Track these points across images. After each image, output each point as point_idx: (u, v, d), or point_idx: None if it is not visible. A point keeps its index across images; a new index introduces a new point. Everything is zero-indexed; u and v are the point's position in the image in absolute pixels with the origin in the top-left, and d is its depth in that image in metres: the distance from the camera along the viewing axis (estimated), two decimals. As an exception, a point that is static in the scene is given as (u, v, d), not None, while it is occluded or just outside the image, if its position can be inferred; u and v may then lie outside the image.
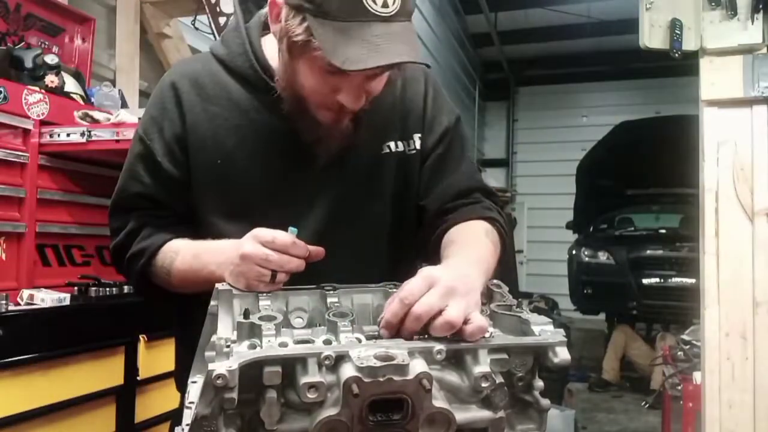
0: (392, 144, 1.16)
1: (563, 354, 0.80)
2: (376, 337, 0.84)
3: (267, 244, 0.93)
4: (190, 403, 0.74)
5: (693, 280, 5.11)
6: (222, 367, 0.69)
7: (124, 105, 2.54)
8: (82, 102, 2.30)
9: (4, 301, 1.66)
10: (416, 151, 1.18)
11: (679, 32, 2.15)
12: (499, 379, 0.78)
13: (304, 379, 0.72)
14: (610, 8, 8.73)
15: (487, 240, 1.08)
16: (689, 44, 2.17)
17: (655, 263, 6.54)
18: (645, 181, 7.39)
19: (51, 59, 2.18)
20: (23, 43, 2.35)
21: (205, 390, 0.70)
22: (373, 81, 1.01)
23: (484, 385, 0.77)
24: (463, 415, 0.78)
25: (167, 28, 3.20)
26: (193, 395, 0.75)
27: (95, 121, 2.09)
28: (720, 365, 2.11)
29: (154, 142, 1.13)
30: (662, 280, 6.39)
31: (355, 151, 1.12)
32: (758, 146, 2.13)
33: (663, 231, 7.17)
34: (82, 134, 2.01)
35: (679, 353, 3.03)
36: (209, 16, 2.99)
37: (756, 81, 2.10)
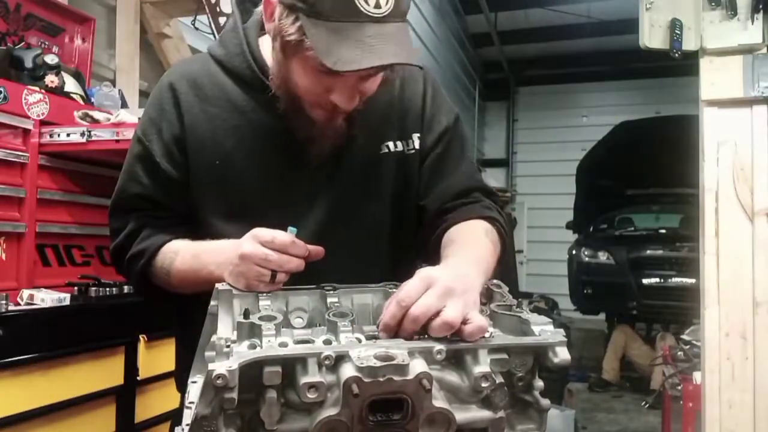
0: (391, 144, 1.16)
1: (563, 354, 0.80)
2: (376, 337, 0.84)
3: (266, 244, 0.93)
4: (190, 403, 0.74)
5: (693, 280, 5.11)
6: (222, 367, 0.69)
7: (124, 105, 2.54)
8: (82, 102, 2.30)
9: (4, 301, 1.66)
10: (415, 151, 1.17)
11: (679, 32, 2.15)
12: (499, 379, 0.78)
13: (304, 379, 0.72)
14: (610, 8, 8.72)
15: (487, 240, 1.08)
16: (689, 44, 2.17)
17: (655, 263, 6.54)
18: (645, 181, 7.39)
19: (51, 59, 2.18)
20: (23, 43, 2.34)
21: (205, 390, 0.70)
22: (367, 81, 1.00)
23: (484, 385, 0.77)
24: (463, 415, 0.78)
25: (167, 28, 3.20)
26: (193, 395, 0.75)
27: (95, 121, 2.09)
28: (720, 365, 2.11)
29: (153, 143, 1.13)
30: (662, 280, 6.39)
31: (354, 151, 1.12)
32: (758, 146, 2.13)
33: (663, 231, 7.17)
34: (82, 134, 2.01)
35: (679, 353, 3.03)
36: (209, 16, 2.99)
37: (756, 81, 2.10)
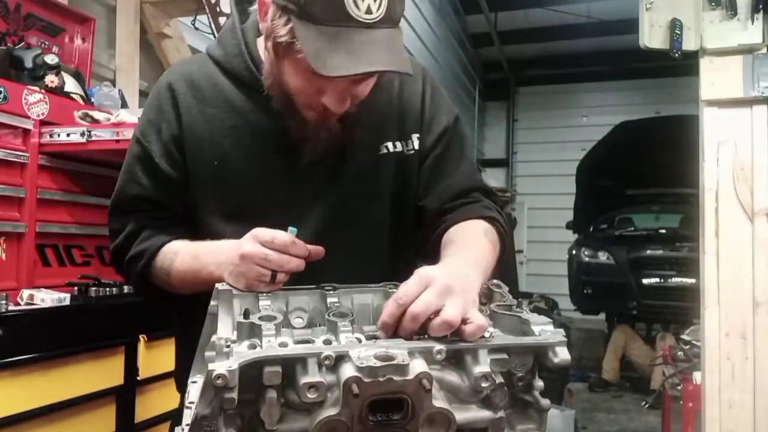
0: (390, 144, 1.15)
1: (563, 354, 0.80)
2: (376, 337, 0.84)
3: (266, 244, 0.93)
4: (190, 403, 0.74)
5: (693, 280, 5.11)
6: (222, 367, 0.69)
7: (124, 105, 2.54)
8: (82, 102, 2.30)
9: (4, 301, 1.66)
10: (414, 152, 1.17)
11: (679, 32, 2.15)
12: (499, 379, 0.78)
13: (304, 379, 0.72)
14: (610, 8, 8.72)
15: (486, 240, 1.08)
16: (689, 44, 2.17)
17: (655, 263, 6.55)
18: (645, 181, 7.39)
19: (51, 59, 2.18)
20: (23, 43, 2.34)
21: (205, 390, 0.70)
22: (359, 85, 1.00)
23: (484, 385, 0.77)
24: (463, 415, 0.78)
25: (167, 28, 3.20)
26: (193, 395, 0.75)
27: (95, 121, 2.09)
28: (720, 365, 2.11)
29: (152, 144, 1.13)
30: (662, 280, 6.39)
31: (353, 151, 1.12)
32: (758, 146, 2.13)
33: (663, 231, 7.17)
34: (82, 134, 2.01)
35: (679, 353, 3.03)
36: (209, 16, 2.99)
37: (756, 81, 2.10)
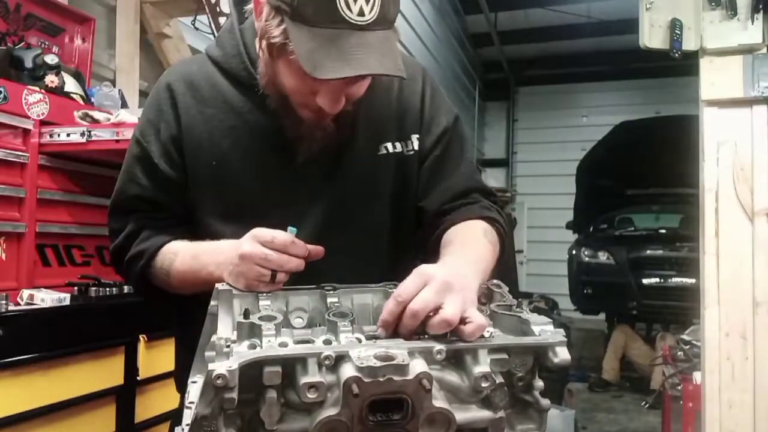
0: (389, 145, 1.15)
1: (563, 354, 0.80)
2: (376, 337, 0.84)
3: (266, 244, 0.93)
4: (190, 403, 0.74)
5: (693, 280, 5.11)
6: (222, 367, 0.69)
7: (124, 105, 2.54)
8: (82, 102, 2.30)
9: (4, 301, 1.66)
10: (414, 152, 1.17)
11: (679, 32, 2.15)
12: (499, 379, 0.78)
13: (304, 379, 0.72)
14: (610, 8, 8.72)
15: (485, 240, 1.08)
16: (689, 44, 2.17)
17: (655, 263, 6.54)
18: (645, 181, 7.39)
19: (51, 59, 2.18)
20: (23, 43, 2.34)
21: (205, 390, 0.70)
22: (353, 86, 1.00)
23: (484, 385, 0.77)
24: (463, 415, 0.78)
25: (167, 28, 3.19)
26: (193, 395, 0.75)
27: (95, 121, 2.09)
28: (720, 365, 2.10)
29: (151, 144, 1.13)
30: (662, 280, 6.39)
31: (353, 151, 1.12)
32: (758, 146, 2.13)
33: (663, 231, 7.17)
34: (82, 134, 2.01)
35: (679, 353, 3.03)
36: (209, 16, 2.99)
37: (756, 81, 2.10)
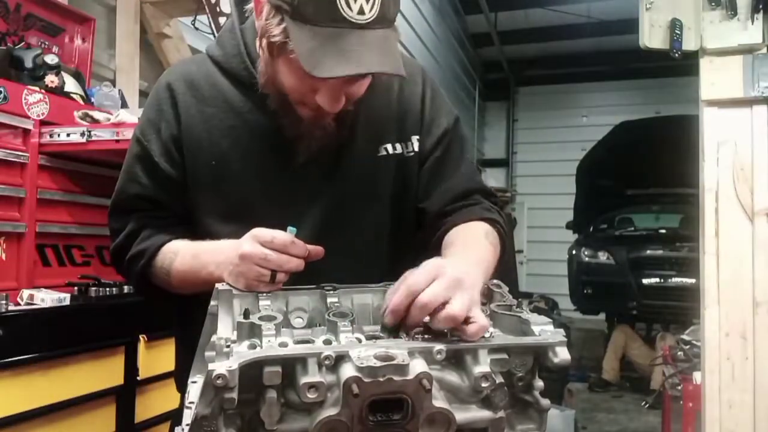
0: (389, 146, 1.15)
1: (563, 354, 0.80)
2: (377, 337, 0.84)
3: (266, 244, 0.93)
4: (190, 403, 0.74)
5: (693, 280, 5.11)
6: (222, 367, 0.69)
7: (124, 105, 2.54)
8: (82, 102, 2.29)
9: (4, 301, 1.66)
10: (414, 154, 1.17)
11: (679, 32, 2.15)
12: (499, 379, 0.78)
13: (304, 379, 0.72)
14: (610, 8, 8.72)
15: (487, 242, 1.08)
16: (689, 44, 2.17)
17: (655, 263, 6.55)
18: (645, 181, 7.39)
19: (51, 59, 2.18)
20: (23, 43, 2.34)
21: (205, 390, 0.70)
22: (353, 85, 1.00)
23: (484, 385, 0.77)
24: (463, 415, 0.78)
25: (167, 28, 3.19)
26: (193, 395, 0.75)
27: (95, 121, 2.09)
28: (720, 365, 2.11)
29: (151, 143, 1.13)
30: (662, 280, 6.39)
31: (352, 152, 1.12)
32: (758, 146, 2.13)
33: (663, 231, 7.17)
34: (82, 134, 2.01)
35: (679, 353, 3.03)
36: (209, 16, 2.99)
37: (756, 81, 2.10)
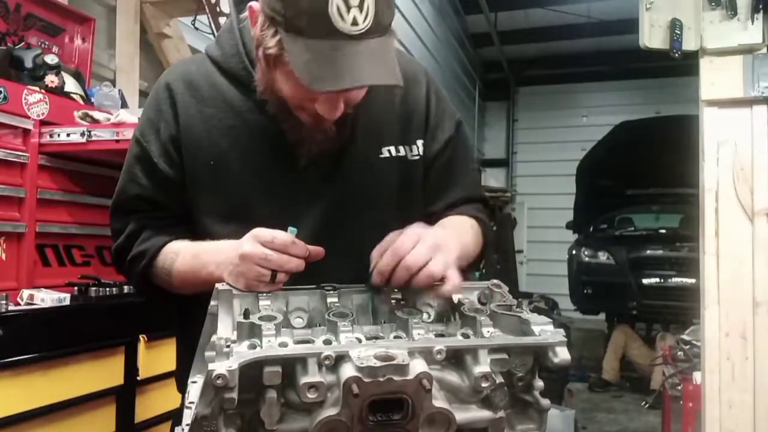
0: (392, 148, 1.15)
1: (563, 354, 0.80)
2: (377, 337, 0.84)
3: (266, 244, 0.93)
4: (190, 403, 0.74)
5: (693, 280, 5.11)
6: (222, 367, 0.69)
7: (124, 105, 2.54)
8: (82, 102, 2.30)
9: (4, 301, 1.66)
10: (419, 158, 1.18)
11: (679, 32, 2.15)
12: (499, 379, 0.78)
13: (304, 379, 0.72)
14: (610, 8, 8.72)
15: (471, 230, 1.18)
16: (689, 44, 2.17)
17: (655, 263, 6.54)
18: (645, 181, 7.39)
19: (51, 59, 2.18)
20: (23, 43, 2.34)
21: (205, 390, 0.70)
22: (351, 92, 0.99)
23: (484, 385, 0.77)
24: (463, 415, 0.78)
25: (167, 28, 3.20)
26: (193, 395, 0.75)
27: (95, 121, 2.09)
28: (720, 365, 2.10)
29: (151, 144, 1.13)
30: (662, 280, 6.38)
31: (353, 154, 1.12)
32: (758, 146, 2.13)
33: (663, 231, 7.17)
34: (82, 134, 2.01)
35: (679, 353, 3.03)
36: (209, 16, 2.99)
37: (756, 81, 2.09)
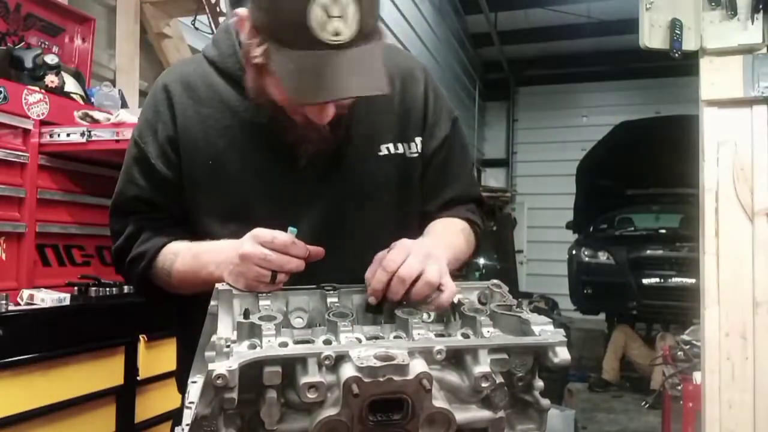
0: (390, 146, 1.15)
1: (563, 354, 0.80)
2: (377, 337, 0.84)
3: (266, 244, 0.93)
4: (190, 403, 0.74)
5: (693, 280, 5.11)
6: (222, 367, 0.69)
7: (124, 105, 2.54)
8: (82, 102, 2.29)
9: (4, 301, 1.66)
10: (418, 155, 1.18)
11: (679, 32, 2.15)
12: (499, 379, 0.78)
13: (304, 379, 0.72)
14: (610, 8, 8.72)
15: (462, 235, 1.18)
16: (689, 44, 2.17)
17: (655, 263, 6.54)
18: (645, 181, 7.39)
19: (51, 59, 2.18)
20: (23, 43, 2.34)
21: (205, 390, 0.70)
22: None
23: (484, 385, 0.77)
24: (463, 415, 0.78)
25: (167, 28, 3.19)
26: (193, 395, 0.75)
27: (95, 121, 2.09)
28: (720, 365, 2.10)
29: (149, 145, 1.13)
30: (662, 280, 6.38)
31: (351, 152, 1.12)
32: (758, 146, 2.13)
33: (663, 231, 7.16)
34: (82, 134, 2.01)
35: (679, 353, 3.03)
36: (209, 16, 2.99)
37: (756, 81, 2.09)
